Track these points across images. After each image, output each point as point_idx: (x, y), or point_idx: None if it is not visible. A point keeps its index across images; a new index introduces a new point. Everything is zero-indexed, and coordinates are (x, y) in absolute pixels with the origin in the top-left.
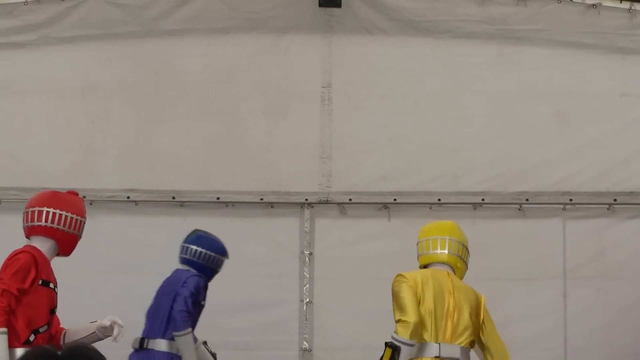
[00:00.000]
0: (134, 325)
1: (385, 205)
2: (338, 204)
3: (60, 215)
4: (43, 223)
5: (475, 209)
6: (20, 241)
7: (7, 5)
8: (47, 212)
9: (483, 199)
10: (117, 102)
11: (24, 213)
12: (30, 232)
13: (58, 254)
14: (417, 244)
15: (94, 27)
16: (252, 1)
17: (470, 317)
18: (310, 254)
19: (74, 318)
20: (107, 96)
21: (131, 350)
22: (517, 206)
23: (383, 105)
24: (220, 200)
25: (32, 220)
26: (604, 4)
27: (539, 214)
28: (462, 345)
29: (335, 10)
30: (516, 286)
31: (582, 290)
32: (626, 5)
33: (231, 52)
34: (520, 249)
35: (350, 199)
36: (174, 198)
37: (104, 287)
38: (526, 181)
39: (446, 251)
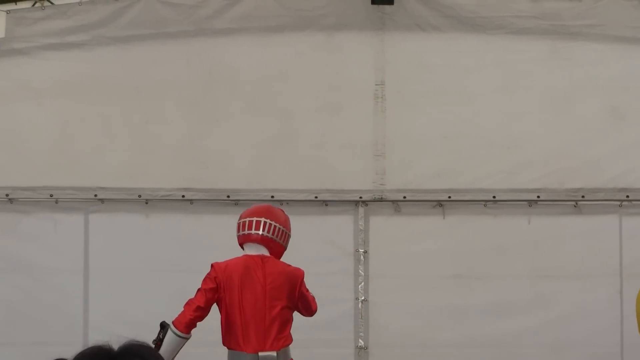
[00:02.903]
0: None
1: (439, 203)
2: (392, 201)
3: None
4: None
5: (530, 206)
6: (77, 239)
7: (61, 6)
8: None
9: (538, 196)
10: (171, 102)
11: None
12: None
13: None
14: None
15: (147, 26)
16: None
17: None
18: (365, 252)
19: (130, 316)
20: (160, 95)
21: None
22: (573, 203)
23: (436, 102)
24: (275, 198)
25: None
26: None
27: (595, 210)
28: None
29: (387, 8)
30: (572, 283)
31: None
32: None
33: (284, 50)
34: (576, 246)
35: (404, 197)
36: (228, 197)
37: (159, 285)
38: (582, 178)
39: None
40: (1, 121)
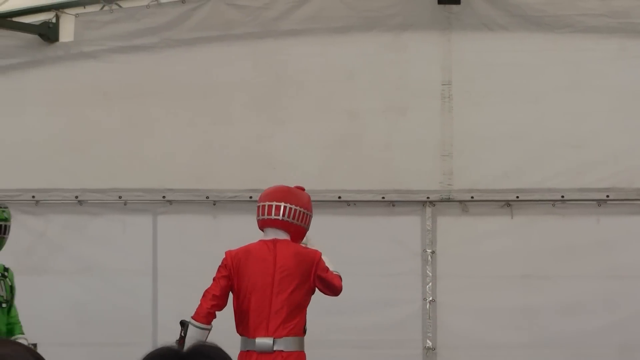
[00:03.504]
0: None
1: (507, 203)
2: (460, 201)
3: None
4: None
5: (599, 205)
6: (145, 240)
7: (129, 9)
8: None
9: (607, 196)
10: (238, 103)
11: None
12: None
13: None
14: None
15: (214, 28)
16: (370, 0)
17: None
18: (433, 252)
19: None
20: (227, 97)
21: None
22: None
23: (504, 102)
24: (342, 199)
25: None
26: None
27: None
28: None
29: (454, 7)
30: None
31: None
32: None
33: (350, 51)
34: None
35: (472, 197)
36: None
37: None
38: None
39: None
40: (70, 124)
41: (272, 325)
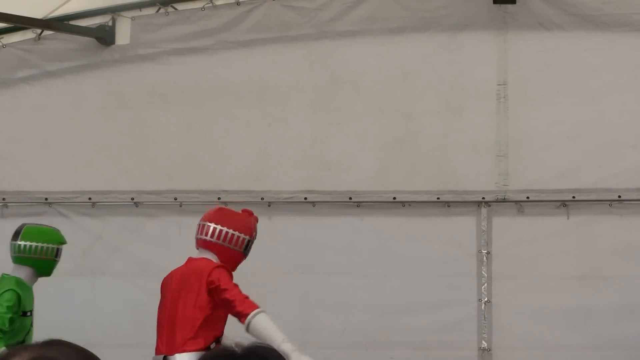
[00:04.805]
0: (314, 325)
1: (563, 203)
2: (515, 202)
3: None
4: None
5: None
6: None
7: (185, 11)
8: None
9: None
10: (294, 105)
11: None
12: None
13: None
14: None
15: (269, 30)
16: (426, 0)
17: None
18: (488, 253)
19: None
20: (283, 99)
21: None
22: None
23: (560, 102)
24: (397, 199)
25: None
26: None
27: None
28: None
29: (509, 7)
30: None
31: None
32: None
33: (406, 51)
34: None
35: (527, 197)
36: (350, 199)
37: (282, 288)
38: None
39: None
40: (127, 126)
41: (164, 342)
